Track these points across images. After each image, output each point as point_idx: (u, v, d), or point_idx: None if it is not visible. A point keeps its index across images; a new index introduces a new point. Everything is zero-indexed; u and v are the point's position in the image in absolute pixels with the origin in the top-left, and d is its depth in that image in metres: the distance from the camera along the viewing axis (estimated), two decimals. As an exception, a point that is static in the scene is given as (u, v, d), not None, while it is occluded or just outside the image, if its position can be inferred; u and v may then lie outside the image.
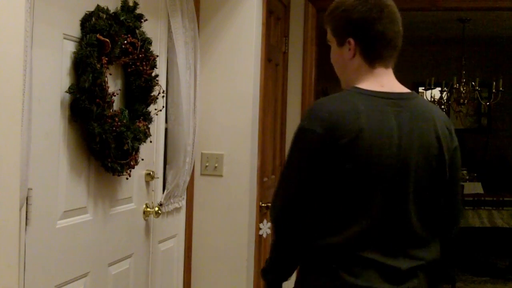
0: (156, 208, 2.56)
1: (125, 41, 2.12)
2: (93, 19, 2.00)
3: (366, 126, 1.53)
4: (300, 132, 1.59)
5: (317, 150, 1.55)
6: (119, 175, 2.19)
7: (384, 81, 1.64)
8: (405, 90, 1.66)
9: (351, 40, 1.65)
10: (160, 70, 2.53)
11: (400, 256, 1.58)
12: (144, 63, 2.24)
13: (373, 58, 1.65)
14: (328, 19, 1.72)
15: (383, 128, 1.55)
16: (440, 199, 1.66)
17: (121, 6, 2.17)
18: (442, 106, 6.82)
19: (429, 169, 1.60)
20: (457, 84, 6.46)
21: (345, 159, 1.52)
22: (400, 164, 1.56)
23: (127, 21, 2.13)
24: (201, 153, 3.01)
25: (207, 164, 3.01)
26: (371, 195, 1.55)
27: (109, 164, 2.10)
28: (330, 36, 1.72)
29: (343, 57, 1.68)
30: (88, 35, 1.96)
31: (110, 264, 2.30)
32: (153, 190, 2.62)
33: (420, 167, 1.59)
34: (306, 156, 1.58)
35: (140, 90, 2.27)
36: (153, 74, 2.30)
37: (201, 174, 3.03)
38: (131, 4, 2.20)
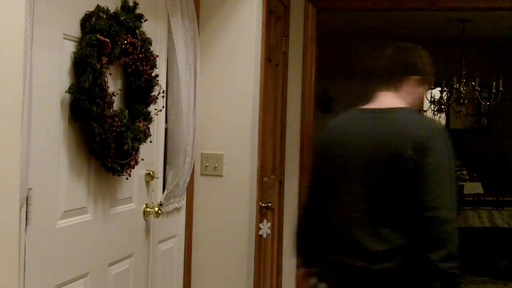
0: (156, 208, 2.56)
1: (125, 41, 2.12)
2: (93, 19, 2.00)
3: (335, 132, 2.07)
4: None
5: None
6: (119, 175, 2.20)
7: (381, 99, 2.04)
8: (394, 105, 1.99)
9: None
10: (160, 70, 2.53)
11: (378, 240, 1.87)
12: (144, 63, 2.24)
13: (378, 88, 2.07)
14: None
15: (347, 132, 2.01)
16: (402, 202, 1.86)
17: (121, 6, 2.17)
18: (442, 106, 6.82)
19: (382, 167, 1.88)
20: (457, 84, 6.45)
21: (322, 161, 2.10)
22: (350, 159, 1.96)
23: (127, 21, 2.14)
24: (201, 153, 3.01)
25: (207, 164, 3.01)
26: (339, 184, 2.00)
27: (109, 164, 2.10)
28: None
29: None
30: (88, 35, 1.96)
31: (110, 264, 2.30)
32: (153, 190, 2.62)
33: (371, 163, 1.90)
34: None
35: (140, 90, 2.27)
36: (153, 74, 2.30)
37: (201, 174, 3.03)
38: (131, 4, 2.20)
